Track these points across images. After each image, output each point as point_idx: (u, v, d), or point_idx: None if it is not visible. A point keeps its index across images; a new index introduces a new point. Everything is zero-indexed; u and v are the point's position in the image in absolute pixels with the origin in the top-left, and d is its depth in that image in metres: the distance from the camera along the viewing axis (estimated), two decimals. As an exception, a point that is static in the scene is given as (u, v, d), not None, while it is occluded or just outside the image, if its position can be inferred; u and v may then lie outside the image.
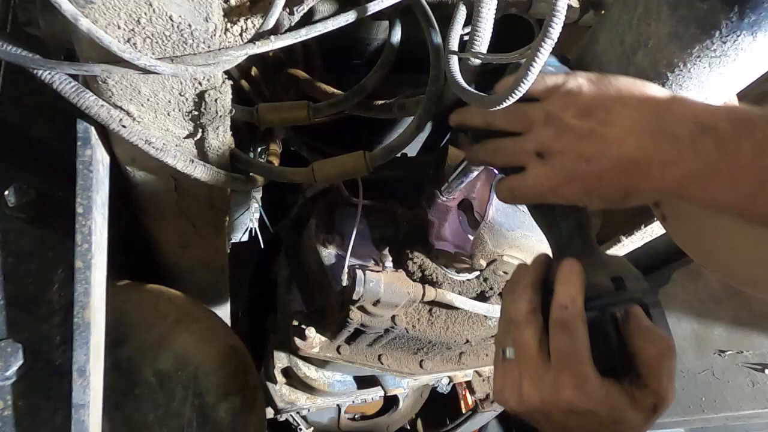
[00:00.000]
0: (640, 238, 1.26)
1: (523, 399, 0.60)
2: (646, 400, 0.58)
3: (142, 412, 0.88)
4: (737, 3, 0.52)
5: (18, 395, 0.60)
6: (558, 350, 0.58)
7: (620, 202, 0.59)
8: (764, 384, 1.56)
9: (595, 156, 0.56)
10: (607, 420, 0.57)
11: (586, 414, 0.57)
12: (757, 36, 0.55)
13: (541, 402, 0.58)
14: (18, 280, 0.64)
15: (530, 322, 0.60)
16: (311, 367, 1.52)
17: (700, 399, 1.71)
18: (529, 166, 0.62)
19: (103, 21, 0.52)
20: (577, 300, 0.58)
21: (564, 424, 0.60)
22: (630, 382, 0.59)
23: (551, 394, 0.57)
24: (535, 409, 0.60)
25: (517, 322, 0.61)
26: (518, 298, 0.62)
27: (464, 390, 2.03)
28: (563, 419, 0.59)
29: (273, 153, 1.16)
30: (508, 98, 0.58)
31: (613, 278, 0.60)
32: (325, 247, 1.20)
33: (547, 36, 0.52)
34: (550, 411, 0.59)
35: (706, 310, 1.70)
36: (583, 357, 0.57)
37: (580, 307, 0.58)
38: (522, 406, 0.61)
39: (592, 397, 0.56)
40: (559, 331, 0.58)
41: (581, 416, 0.58)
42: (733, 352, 1.63)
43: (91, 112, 0.62)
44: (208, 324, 1.01)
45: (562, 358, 0.58)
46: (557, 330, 0.58)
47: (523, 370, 0.60)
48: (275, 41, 0.60)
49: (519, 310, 0.61)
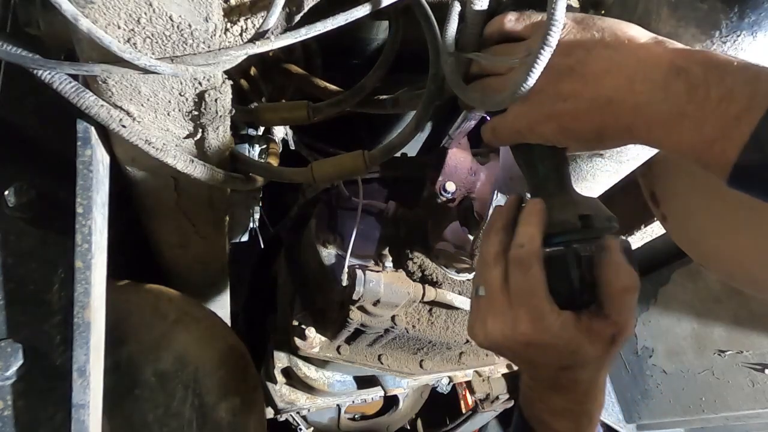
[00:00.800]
0: (640, 238, 1.26)
1: (488, 334, 0.63)
2: (606, 331, 0.60)
3: (142, 412, 0.88)
4: (737, 3, 0.52)
5: (18, 395, 0.60)
6: (515, 287, 0.61)
7: (595, 143, 0.60)
8: (764, 384, 1.56)
9: (572, 94, 0.57)
10: (566, 351, 0.60)
11: (544, 346, 0.60)
12: (757, 36, 0.55)
13: (502, 336, 0.62)
14: (18, 280, 0.64)
15: (497, 262, 0.63)
16: (311, 367, 1.52)
17: (700, 399, 1.71)
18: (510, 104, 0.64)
19: (103, 21, 0.52)
20: (534, 238, 0.60)
21: (525, 356, 0.63)
22: (590, 314, 0.61)
23: (511, 329, 0.61)
24: (498, 343, 0.63)
25: (486, 263, 0.64)
26: (490, 239, 0.65)
27: (464, 390, 2.03)
28: (523, 352, 0.62)
29: (272, 153, 1.16)
30: (508, 101, 0.58)
31: (582, 216, 0.61)
32: (325, 247, 1.20)
33: (545, 44, 0.52)
34: (511, 345, 0.62)
35: (706, 310, 1.70)
36: (539, 292, 0.59)
37: (536, 246, 0.60)
38: (487, 341, 0.64)
39: (548, 331, 0.59)
40: (516, 269, 0.61)
41: (540, 348, 0.61)
42: (733, 352, 1.63)
43: (91, 112, 0.62)
44: (208, 324, 1.01)
45: (519, 293, 0.60)
46: (514, 267, 0.61)
47: (488, 306, 0.63)
48: (275, 41, 0.60)
49: (488, 251, 0.64)
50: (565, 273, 0.60)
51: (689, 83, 0.50)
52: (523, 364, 0.68)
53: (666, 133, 0.52)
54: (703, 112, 0.49)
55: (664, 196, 0.96)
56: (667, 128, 0.52)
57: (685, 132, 0.50)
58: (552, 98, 0.58)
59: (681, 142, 0.51)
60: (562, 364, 0.63)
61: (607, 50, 0.53)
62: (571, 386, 0.66)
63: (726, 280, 0.89)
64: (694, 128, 0.50)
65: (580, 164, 0.80)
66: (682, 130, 0.51)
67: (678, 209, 0.94)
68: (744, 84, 0.47)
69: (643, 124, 0.53)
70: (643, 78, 0.53)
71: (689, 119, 0.50)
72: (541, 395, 0.70)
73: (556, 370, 0.64)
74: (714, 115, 0.48)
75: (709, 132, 0.49)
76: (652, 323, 1.86)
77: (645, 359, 1.88)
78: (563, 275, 0.60)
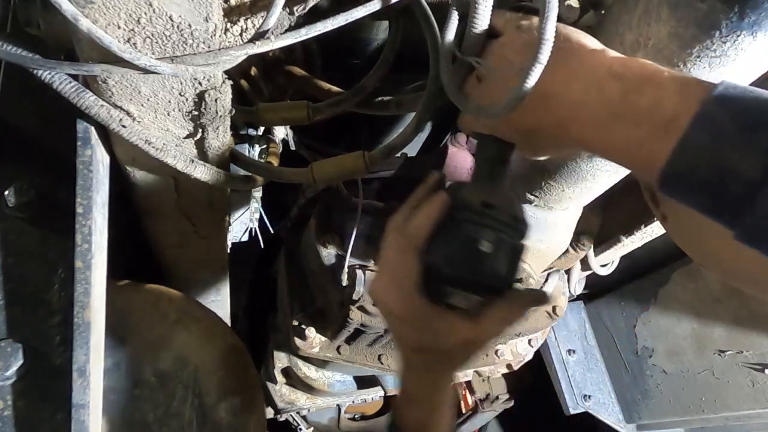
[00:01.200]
0: (640, 238, 1.26)
1: (372, 290, 0.72)
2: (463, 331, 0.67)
3: (142, 412, 0.88)
4: (737, 3, 0.52)
5: (18, 395, 0.60)
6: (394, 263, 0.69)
7: (531, 137, 0.63)
8: (764, 384, 1.56)
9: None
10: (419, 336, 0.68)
11: (403, 322, 0.69)
12: (757, 36, 0.55)
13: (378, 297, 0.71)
14: (18, 280, 0.64)
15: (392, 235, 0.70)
16: (311, 367, 1.52)
17: (700, 399, 1.71)
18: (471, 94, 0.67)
19: (103, 21, 0.52)
20: (420, 230, 0.66)
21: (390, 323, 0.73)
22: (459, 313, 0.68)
23: (383, 295, 0.70)
24: (377, 300, 0.72)
25: (388, 231, 0.71)
26: (400, 212, 0.72)
27: (464, 390, 2.03)
28: (388, 318, 0.72)
29: (272, 153, 1.16)
30: (502, 113, 0.59)
31: (486, 203, 0.65)
32: (325, 247, 1.20)
33: (537, 61, 0.54)
34: (382, 308, 0.71)
35: (706, 310, 1.70)
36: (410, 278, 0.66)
37: (419, 237, 0.66)
38: (372, 295, 0.74)
39: (410, 311, 0.67)
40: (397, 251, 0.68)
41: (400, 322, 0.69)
42: (733, 352, 1.63)
43: (91, 112, 0.62)
44: (208, 324, 1.01)
45: (396, 271, 0.68)
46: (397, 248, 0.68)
47: (380, 267, 0.73)
48: (275, 41, 0.60)
49: (393, 222, 0.71)
50: (449, 243, 0.65)
51: (624, 88, 0.52)
52: (390, 330, 0.76)
53: (598, 132, 0.54)
54: (634, 116, 0.51)
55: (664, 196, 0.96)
56: (600, 128, 0.54)
57: (617, 133, 0.52)
58: (501, 90, 0.61)
59: (612, 142, 0.53)
60: (417, 345, 0.70)
61: (558, 52, 0.55)
62: (422, 373, 0.73)
63: (726, 280, 0.89)
64: (626, 130, 0.52)
65: (580, 164, 0.80)
66: (613, 130, 0.53)
67: (678, 209, 0.94)
68: (673, 94, 0.49)
69: (577, 121, 0.56)
70: (582, 78, 0.55)
71: (621, 121, 0.52)
72: (401, 375, 0.76)
73: (411, 350, 0.72)
74: (644, 119, 0.50)
75: (639, 135, 0.51)
76: (652, 323, 1.86)
77: (645, 359, 1.88)
78: (447, 243, 0.65)
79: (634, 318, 1.91)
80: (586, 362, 2.01)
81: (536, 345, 1.52)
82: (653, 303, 1.85)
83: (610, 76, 0.54)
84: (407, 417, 0.76)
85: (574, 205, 0.94)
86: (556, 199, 0.90)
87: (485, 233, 0.64)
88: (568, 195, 0.88)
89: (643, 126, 0.51)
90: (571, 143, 0.59)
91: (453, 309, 0.68)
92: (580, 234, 1.19)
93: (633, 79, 0.52)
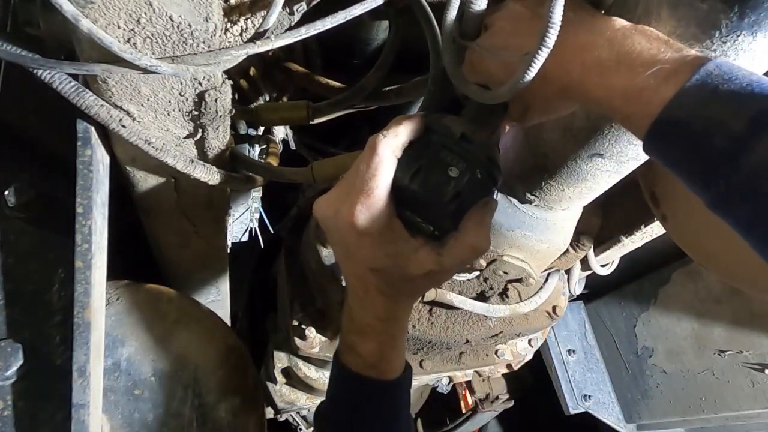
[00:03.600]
0: (640, 238, 1.26)
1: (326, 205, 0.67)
2: (428, 261, 0.65)
3: (142, 412, 0.88)
4: (737, 3, 0.52)
5: (18, 395, 0.60)
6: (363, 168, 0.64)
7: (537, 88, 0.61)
8: (764, 384, 1.56)
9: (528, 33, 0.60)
10: (382, 249, 0.64)
11: (364, 233, 0.64)
12: (757, 36, 0.55)
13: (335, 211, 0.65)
14: (18, 280, 0.64)
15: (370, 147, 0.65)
16: (311, 367, 1.52)
17: (700, 399, 1.71)
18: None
19: (104, 21, 0.52)
20: (398, 134, 0.64)
21: (345, 239, 0.66)
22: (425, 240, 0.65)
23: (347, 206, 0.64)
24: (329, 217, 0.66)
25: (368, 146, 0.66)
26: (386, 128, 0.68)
27: (464, 390, 2.03)
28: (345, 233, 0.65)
29: (272, 153, 1.16)
30: (505, 96, 0.59)
31: (465, 136, 0.64)
32: (325, 247, 1.20)
33: (543, 45, 0.54)
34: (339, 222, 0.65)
35: (706, 310, 1.70)
36: (379, 182, 0.63)
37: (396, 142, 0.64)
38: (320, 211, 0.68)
39: (375, 221, 0.63)
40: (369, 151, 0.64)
41: (360, 234, 0.64)
42: (733, 352, 1.63)
43: (91, 112, 0.62)
44: (208, 324, 1.01)
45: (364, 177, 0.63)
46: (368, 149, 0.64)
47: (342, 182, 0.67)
48: (275, 41, 0.60)
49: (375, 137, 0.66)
50: (419, 161, 0.63)
51: (631, 39, 0.54)
52: (342, 249, 0.70)
53: (599, 77, 0.55)
54: (637, 65, 0.53)
55: (664, 196, 0.96)
56: (602, 73, 0.55)
57: (618, 79, 0.53)
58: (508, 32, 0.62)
59: (612, 87, 0.54)
60: (376, 264, 0.66)
61: (569, 11, 0.56)
62: (377, 297, 0.69)
63: (726, 280, 0.89)
64: (627, 76, 0.53)
65: (580, 164, 0.80)
66: (615, 76, 0.54)
67: (678, 209, 0.94)
68: (677, 51, 0.52)
69: (580, 66, 0.56)
70: (589, 29, 0.57)
71: (625, 67, 0.53)
72: (350, 309, 0.73)
73: (368, 270, 0.67)
74: (646, 69, 0.52)
75: (640, 83, 0.52)
76: (652, 323, 1.86)
77: (645, 359, 1.88)
78: (417, 161, 0.64)
79: (634, 318, 1.91)
80: (586, 362, 2.01)
81: (536, 345, 1.52)
82: (653, 303, 1.85)
83: (618, 28, 0.55)
84: (360, 351, 0.72)
85: (574, 205, 0.94)
86: (556, 199, 0.90)
87: (456, 161, 0.63)
88: (568, 195, 0.88)
89: (646, 75, 0.52)
90: (567, 91, 0.59)
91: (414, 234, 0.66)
92: (580, 234, 1.19)
93: (640, 34, 0.54)
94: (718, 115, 0.47)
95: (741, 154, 0.46)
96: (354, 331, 0.73)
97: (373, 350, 0.72)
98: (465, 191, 0.64)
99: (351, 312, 0.73)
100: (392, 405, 0.76)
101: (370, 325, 0.71)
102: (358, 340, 0.73)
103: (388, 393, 0.74)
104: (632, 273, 1.89)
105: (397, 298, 0.70)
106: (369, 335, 0.72)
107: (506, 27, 0.63)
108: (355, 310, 0.72)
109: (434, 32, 0.80)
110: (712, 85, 0.48)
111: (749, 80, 0.47)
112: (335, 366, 0.77)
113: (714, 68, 0.49)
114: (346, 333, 0.75)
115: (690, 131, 0.48)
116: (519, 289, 1.19)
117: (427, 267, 0.65)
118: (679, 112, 0.49)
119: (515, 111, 0.68)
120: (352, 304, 0.73)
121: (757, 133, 0.45)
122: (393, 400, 0.75)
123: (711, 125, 0.47)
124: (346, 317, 0.75)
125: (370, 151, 0.64)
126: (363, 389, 0.74)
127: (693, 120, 0.48)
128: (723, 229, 0.50)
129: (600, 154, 0.76)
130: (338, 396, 0.79)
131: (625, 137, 0.71)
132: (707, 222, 0.85)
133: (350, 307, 0.73)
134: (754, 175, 0.45)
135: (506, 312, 1.17)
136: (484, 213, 0.67)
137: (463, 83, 0.67)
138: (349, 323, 0.74)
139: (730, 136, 0.46)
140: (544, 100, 0.64)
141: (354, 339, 0.73)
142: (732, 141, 0.46)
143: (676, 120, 0.49)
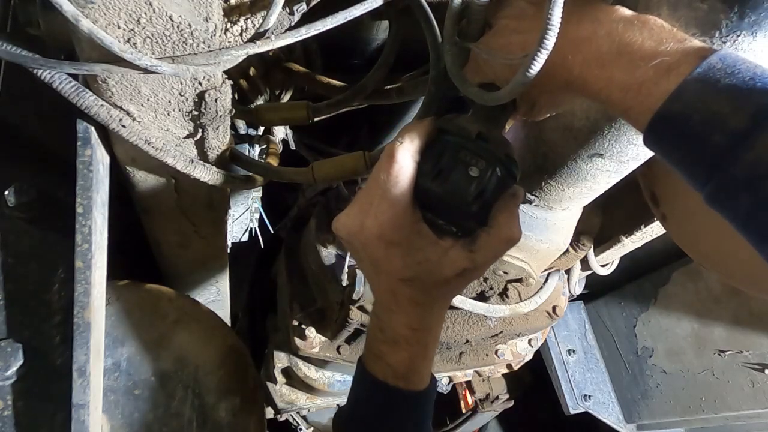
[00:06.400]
0: (640, 238, 1.26)
1: (348, 221, 0.66)
2: (460, 260, 0.64)
3: (142, 412, 0.88)
4: (737, 3, 0.52)
5: (18, 395, 0.60)
6: (383, 179, 0.63)
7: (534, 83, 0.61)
8: (764, 384, 1.56)
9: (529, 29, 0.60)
10: (412, 257, 0.64)
11: (393, 244, 0.63)
12: (757, 36, 0.55)
13: (359, 225, 0.64)
14: (18, 280, 0.64)
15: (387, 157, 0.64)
16: (311, 367, 1.52)
17: (700, 399, 1.71)
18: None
19: (104, 21, 0.52)
20: (414, 138, 0.64)
21: (373, 253, 0.65)
22: (454, 239, 0.64)
23: (372, 217, 0.63)
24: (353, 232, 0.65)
25: (386, 154, 0.65)
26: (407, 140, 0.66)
27: (464, 390, 2.03)
28: (373, 246, 0.64)
29: (272, 153, 1.16)
30: (506, 97, 0.59)
31: (480, 133, 0.64)
32: (325, 247, 1.20)
33: (542, 47, 0.54)
34: (365, 236, 0.64)
35: (706, 310, 1.70)
36: (403, 189, 0.62)
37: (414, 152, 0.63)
38: (344, 228, 0.66)
39: (402, 229, 0.63)
40: (386, 159, 0.63)
41: (388, 245, 0.63)
42: (733, 352, 1.63)
43: (91, 111, 0.62)
44: (208, 324, 1.01)
45: (386, 187, 0.63)
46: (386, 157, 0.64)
47: (361, 196, 0.66)
48: (275, 41, 0.60)
49: (392, 145, 0.65)
50: (439, 164, 0.63)
51: (632, 31, 0.53)
52: (370, 266, 0.68)
53: (600, 69, 0.54)
54: (638, 58, 0.52)
55: (664, 196, 0.96)
56: (603, 65, 0.54)
57: (619, 72, 0.53)
58: (511, 30, 0.62)
59: (612, 80, 0.54)
60: (407, 275, 0.64)
61: (570, 4, 0.56)
62: (410, 309, 0.67)
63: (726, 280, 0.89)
64: (628, 69, 0.52)
65: (580, 164, 0.80)
66: (616, 69, 0.53)
67: (678, 209, 0.94)
68: (680, 43, 0.51)
69: (581, 58, 0.56)
70: (592, 18, 0.56)
71: (626, 60, 0.53)
72: (380, 320, 0.70)
73: (399, 281, 0.65)
74: (648, 62, 0.51)
75: (641, 76, 0.51)
76: (652, 323, 1.86)
77: (645, 359, 1.88)
78: (437, 164, 0.63)
79: (634, 318, 1.91)
80: (586, 362, 2.01)
81: (536, 345, 1.52)
82: (653, 303, 1.85)
83: (620, 19, 0.55)
84: (389, 361, 0.70)
85: (574, 205, 0.94)
86: (556, 199, 0.90)
87: (476, 161, 0.63)
88: (568, 195, 0.88)
89: (646, 67, 0.51)
90: (570, 85, 0.59)
91: (441, 236, 0.65)
92: (580, 234, 1.19)
93: (642, 25, 0.53)
94: (719, 110, 0.47)
95: (740, 151, 0.45)
96: (384, 341, 0.71)
97: (404, 360, 0.69)
98: (487, 190, 0.63)
99: (380, 323, 0.71)
100: (417, 416, 0.73)
101: (402, 336, 0.69)
102: (389, 350, 0.70)
103: (414, 404, 0.72)
104: (632, 273, 1.89)
105: (431, 306, 0.68)
106: (401, 345, 0.69)
107: (510, 25, 0.63)
108: (385, 322, 0.70)
109: (434, 33, 0.80)
110: (714, 79, 0.48)
111: (752, 74, 0.47)
112: (360, 372, 0.75)
113: (717, 61, 0.48)
114: (374, 342, 0.73)
115: (690, 126, 0.48)
116: (519, 289, 1.19)
117: (461, 266, 0.64)
118: (680, 106, 0.49)
119: (523, 107, 0.67)
120: (382, 316, 0.70)
121: (757, 130, 0.45)
122: (418, 411, 0.73)
123: (711, 121, 0.47)
124: (374, 328, 0.72)
125: (388, 159, 0.63)
126: (390, 400, 0.71)
127: (693, 115, 0.48)
128: (723, 229, 0.50)
129: (600, 154, 0.76)
130: (362, 404, 0.76)
131: (625, 137, 0.71)
132: (707, 222, 0.85)
133: (380, 319, 0.71)
134: (752, 172, 0.45)
135: (506, 312, 1.17)
136: (513, 204, 0.66)
137: (464, 85, 0.67)
138: (378, 333, 0.71)
139: (730, 132, 0.46)
140: (550, 95, 0.64)
141: (383, 349, 0.71)
142: (731, 137, 0.46)
143: (676, 114, 0.49)
